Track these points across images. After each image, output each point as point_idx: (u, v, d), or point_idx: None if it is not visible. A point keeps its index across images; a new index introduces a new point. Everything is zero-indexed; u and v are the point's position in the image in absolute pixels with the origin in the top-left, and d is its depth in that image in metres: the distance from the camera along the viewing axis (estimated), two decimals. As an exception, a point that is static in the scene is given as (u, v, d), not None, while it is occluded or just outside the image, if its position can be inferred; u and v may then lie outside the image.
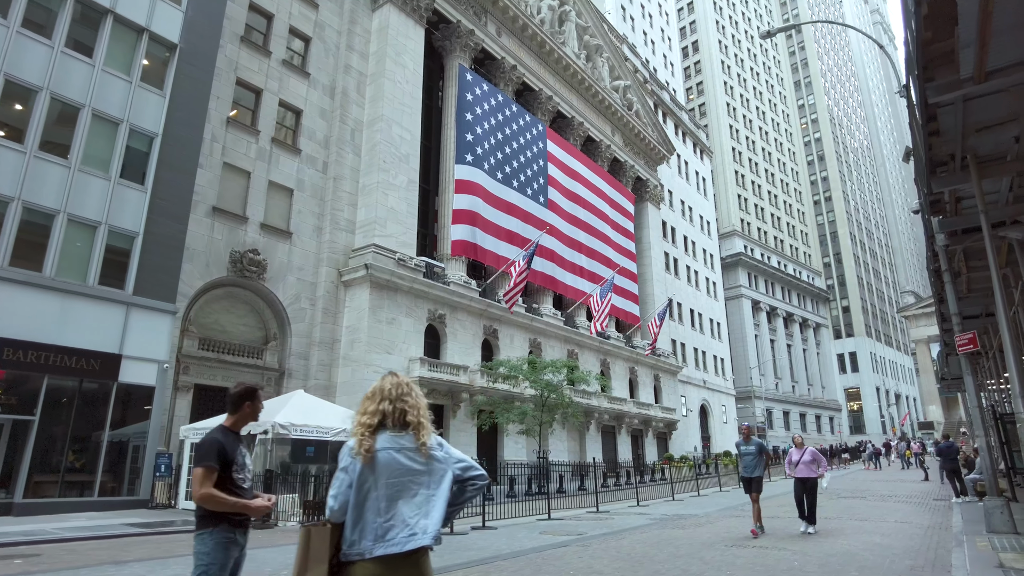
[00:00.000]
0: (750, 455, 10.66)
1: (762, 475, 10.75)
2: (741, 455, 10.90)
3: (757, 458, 10.62)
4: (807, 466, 10.45)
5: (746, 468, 10.67)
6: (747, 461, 10.63)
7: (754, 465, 10.60)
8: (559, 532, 10.55)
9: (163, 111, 19.61)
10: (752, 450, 10.76)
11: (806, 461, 10.47)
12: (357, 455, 2.66)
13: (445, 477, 2.72)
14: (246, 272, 22.53)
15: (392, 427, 2.77)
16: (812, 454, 10.50)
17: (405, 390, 2.88)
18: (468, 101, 31.63)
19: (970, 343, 9.41)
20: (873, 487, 21.86)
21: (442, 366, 26.21)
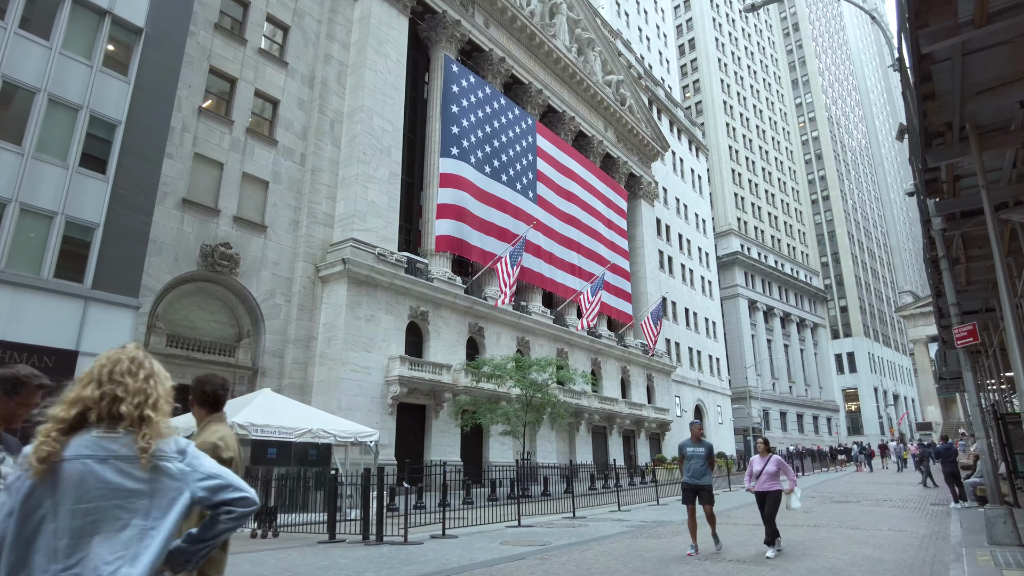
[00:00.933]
0: (698, 458, 9.01)
1: (712, 482, 9.17)
2: (688, 458, 9.12)
3: (706, 462, 9.04)
4: (770, 478, 8.79)
5: (693, 474, 8.98)
6: (695, 466, 8.98)
7: (703, 470, 9.01)
8: (521, 542, 9.71)
9: (127, 98, 18.76)
10: (702, 452, 9.06)
11: (769, 472, 8.80)
12: (28, 467, 1.77)
13: (177, 501, 1.86)
14: (217, 266, 21.69)
15: (99, 424, 1.88)
16: (777, 463, 8.84)
17: (125, 367, 2.00)
18: (454, 93, 30.80)
19: (969, 336, 8.61)
20: (868, 491, 21.04)
21: (424, 365, 25.37)
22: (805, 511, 14.41)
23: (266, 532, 11.39)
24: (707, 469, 9.04)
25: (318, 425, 15.93)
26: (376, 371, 23.82)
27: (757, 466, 9.08)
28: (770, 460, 8.88)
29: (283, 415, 15.66)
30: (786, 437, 70.85)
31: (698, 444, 9.11)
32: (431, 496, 20.52)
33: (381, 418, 23.66)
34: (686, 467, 9.12)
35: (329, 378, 22.89)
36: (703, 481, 8.98)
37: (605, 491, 24.84)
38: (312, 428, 15.66)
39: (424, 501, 19.68)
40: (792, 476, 8.88)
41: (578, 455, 34.24)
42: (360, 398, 23.02)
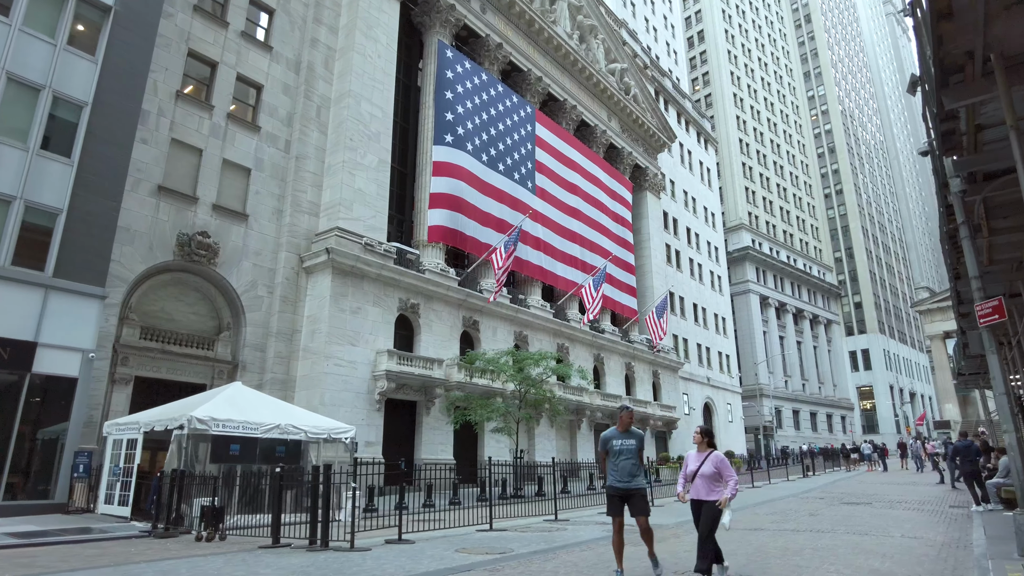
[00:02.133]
0: (628, 454, 6.89)
1: (645, 485, 7.15)
2: (615, 454, 6.96)
3: (638, 459, 6.97)
4: (707, 482, 6.60)
5: (621, 475, 6.86)
6: (623, 464, 6.87)
7: (634, 469, 6.88)
8: (480, 549, 8.64)
9: (94, 79, 17.88)
10: (632, 446, 6.94)
11: (706, 474, 6.61)
12: None
13: None
14: (195, 256, 20.80)
15: None
16: (716, 463, 6.63)
17: None
18: (448, 79, 29.76)
19: (995, 312, 7.40)
20: (882, 491, 19.72)
21: (415, 359, 24.35)
22: (810, 514, 13.20)
23: (212, 535, 10.40)
24: (639, 468, 6.99)
25: (287, 420, 14.98)
26: (362, 366, 22.84)
27: (692, 464, 6.83)
28: (708, 458, 6.68)
29: (250, 410, 14.73)
30: (799, 436, 69.17)
31: (627, 435, 7.02)
32: (414, 496, 19.55)
33: (368, 414, 22.69)
34: (611, 466, 7.01)
35: (312, 373, 21.94)
36: (634, 484, 6.90)
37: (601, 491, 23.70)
38: (280, 424, 14.71)
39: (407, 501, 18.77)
40: (732, 483, 6.59)
41: (579, 453, 33.11)
42: (345, 393, 22.05)
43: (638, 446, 7.03)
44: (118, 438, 15.45)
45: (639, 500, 6.92)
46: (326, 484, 9.07)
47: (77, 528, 12.57)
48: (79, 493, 15.60)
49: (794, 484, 24.86)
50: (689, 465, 6.88)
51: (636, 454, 6.99)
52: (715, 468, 6.64)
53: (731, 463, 32.35)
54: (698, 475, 6.69)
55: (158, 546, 9.84)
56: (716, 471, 6.63)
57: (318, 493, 9.25)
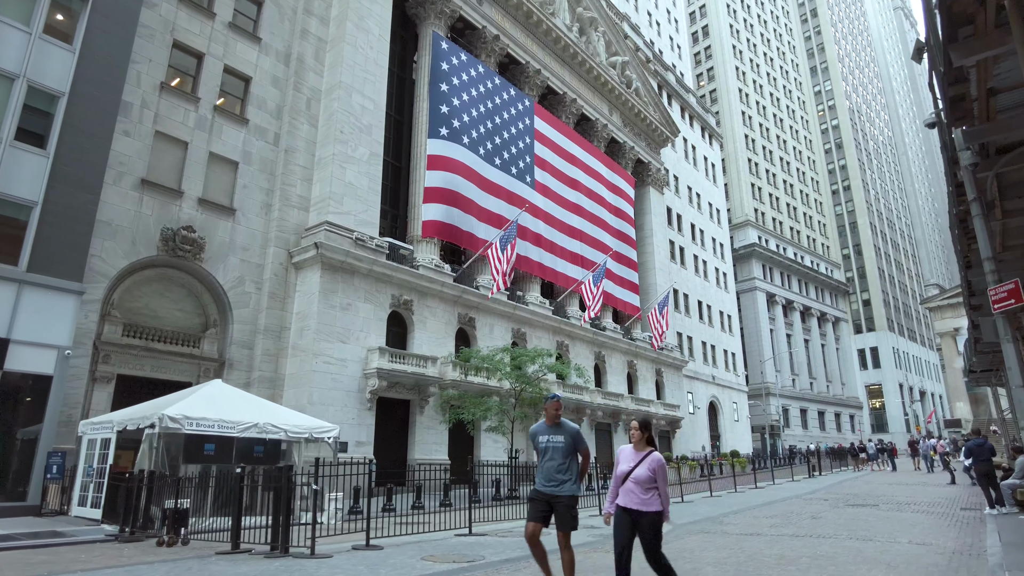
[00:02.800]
0: (556, 451, 5.79)
1: (577, 493, 5.83)
2: (541, 453, 5.91)
3: (570, 459, 5.82)
4: (640, 489, 5.32)
5: (543, 476, 5.80)
6: (547, 465, 5.81)
7: (563, 471, 5.74)
8: (449, 557, 8.00)
9: (71, 68, 17.39)
10: (560, 443, 5.78)
11: (640, 479, 5.32)
12: None
13: None
14: (179, 251, 20.26)
15: None
16: (653, 466, 5.34)
17: None
18: (443, 71, 29.14)
19: (1011, 296, 6.70)
20: (889, 492, 18.94)
21: (408, 357, 23.73)
22: (813, 517, 12.48)
23: (175, 540, 9.82)
24: (569, 471, 5.76)
25: (266, 419, 14.39)
26: (353, 363, 22.25)
27: (624, 463, 5.49)
28: (645, 460, 5.35)
29: (227, 408, 14.15)
30: (807, 435, 68.18)
31: (555, 430, 5.86)
32: (403, 497, 18.95)
33: (358, 413, 22.10)
34: (539, 467, 5.91)
35: (301, 371, 21.37)
36: (561, 490, 5.70)
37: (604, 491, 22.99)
38: (258, 422, 14.13)
39: (394, 503, 18.18)
40: (665, 495, 5.37)
41: (579, 453, 32.38)
42: (334, 392, 21.48)
43: (568, 444, 5.82)
44: (92, 438, 14.93)
45: (564, 511, 5.69)
46: (287, 486, 8.46)
47: (42, 532, 12.04)
48: (52, 495, 15.09)
49: (799, 484, 24.09)
50: (620, 464, 5.47)
51: (566, 453, 5.80)
52: (651, 472, 5.28)
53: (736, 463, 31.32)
54: (630, 478, 5.32)
55: (114, 552, 9.27)
56: (652, 475, 5.28)
57: (281, 495, 8.64)
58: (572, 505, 5.79)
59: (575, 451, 5.96)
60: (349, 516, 15.82)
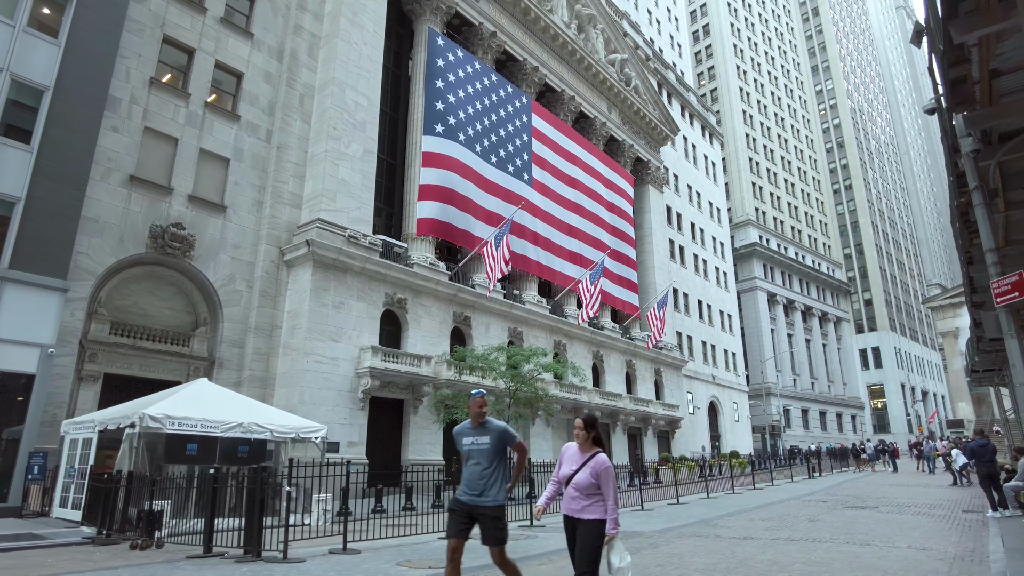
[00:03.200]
0: (481, 455, 5.12)
1: (502, 501, 5.07)
2: (465, 456, 5.24)
3: (496, 462, 5.11)
4: (581, 494, 4.71)
5: (466, 483, 5.12)
6: (471, 470, 5.13)
7: (487, 476, 5.06)
8: (425, 563, 7.67)
9: (56, 62, 17.12)
10: (486, 445, 5.08)
11: (580, 484, 4.70)
12: None
13: None
14: (168, 248, 19.96)
15: None
16: (596, 470, 4.68)
17: None
18: (439, 67, 28.82)
19: (1015, 289, 6.38)
20: (890, 493, 18.58)
21: (401, 356, 23.42)
22: (810, 520, 12.14)
23: (148, 543, 9.51)
24: (495, 477, 5.06)
25: (251, 419, 14.08)
26: (345, 363, 21.94)
27: (566, 465, 4.85)
28: (589, 463, 4.71)
29: (211, 407, 13.84)
30: (808, 435, 67.76)
31: (480, 431, 5.18)
32: (395, 499, 18.63)
33: (351, 413, 21.79)
34: (464, 471, 5.23)
35: (292, 370, 21.06)
36: (483, 499, 5.00)
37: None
38: (243, 422, 13.81)
39: (384, 504, 17.85)
40: (612, 505, 4.64)
41: (577, 454, 32.03)
42: (326, 392, 21.17)
43: (495, 444, 5.08)
44: (75, 437, 14.63)
45: (488, 523, 4.95)
46: (260, 487, 8.15)
47: (19, 535, 11.73)
48: (34, 496, 14.80)
49: (798, 486, 23.73)
50: (563, 466, 4.83)
51: (492, 456, 5.06)
52: (592, 478, 4.61)
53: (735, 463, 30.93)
54: (572, 483, 4.70)
55: (84, 555, 8.96)
56: (594, 482, 4.61)
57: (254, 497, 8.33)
58: (498, 516, 5.02)
59: (503, 452, 5.18)
60: (338, 518, 15.53)
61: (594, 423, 4.92)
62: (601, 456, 4.79)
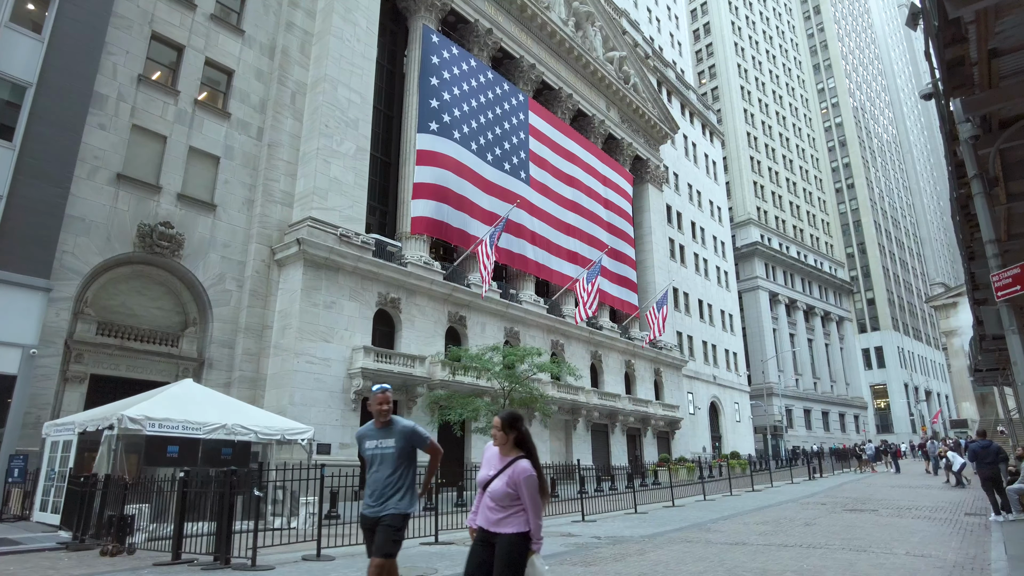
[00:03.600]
0: (386, 461, 4.63)
1: (406, 510, 4.61)
2: (368, 461, 4.74)
3: (403, 467, 4.65)
4: (497, 504, 3.99)
5: (370, 492, 4.65)
6: (375, 477, 4.65)
7: (392, 484, 4.59)
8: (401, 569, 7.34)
9: (39, 58, 16.85)
10: (391, 449, 4.62)
11: (496, 493, 4.00)
12: None
13: None
14: (156, 248, 19.67)
15: None
16: (515, 478, 3.95)
17: None
18: (433, 64, 28.52)
19: (1016, 283, 6.03)
20: (890, 495, 18.20)
21: (394, 356, 23.10)
22: (806, 523, 11.77)
23: (118, 549, 9.20)
24: (404, 483, 4.60)
25: (235, 420, 13.78)
26: (337, 363, 21.64)
27: (485, 468, 4.17)
28: (508, 469, 4.00)
29: (194, 408, 13.54)
30: (811, 436, 67.26)
31: (384, 433, 4.70)
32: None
33: (342, 415, 21.49)
34: (367, 479, 4.73)
35: (283, 370, 20.76)
36: (386, 508, 4.53)
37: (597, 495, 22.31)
38: (227, 424, 13.52)
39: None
40: (533, 517, 3.94)
41: (575, 455, 31.69)
42: (317, 392, 20.86)
43: (402, 447, 4.60)
44: (56, 440, 14.33)
45: (384, 530, 4.45)
46: (229, 491, 7.82)
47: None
48: (14, 499, 14.52)
49: (798, 487, 23.35)
50: (481, 470, 4.18)
51: (398, 460, 4.58)
52: (509, 487, 3.91)
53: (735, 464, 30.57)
54: (487, 492, 4.02)
55: (49, 563, 8.65)
56: (511, 492, 3.91)
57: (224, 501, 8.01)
58: (397, 525, 4.50)
59: (412, 456, 4.70)
60: (326, 521, 15.22)
61: (515, 422, 4.13)
62: (522, 463, 3.99)
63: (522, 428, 4.14)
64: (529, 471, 3.93)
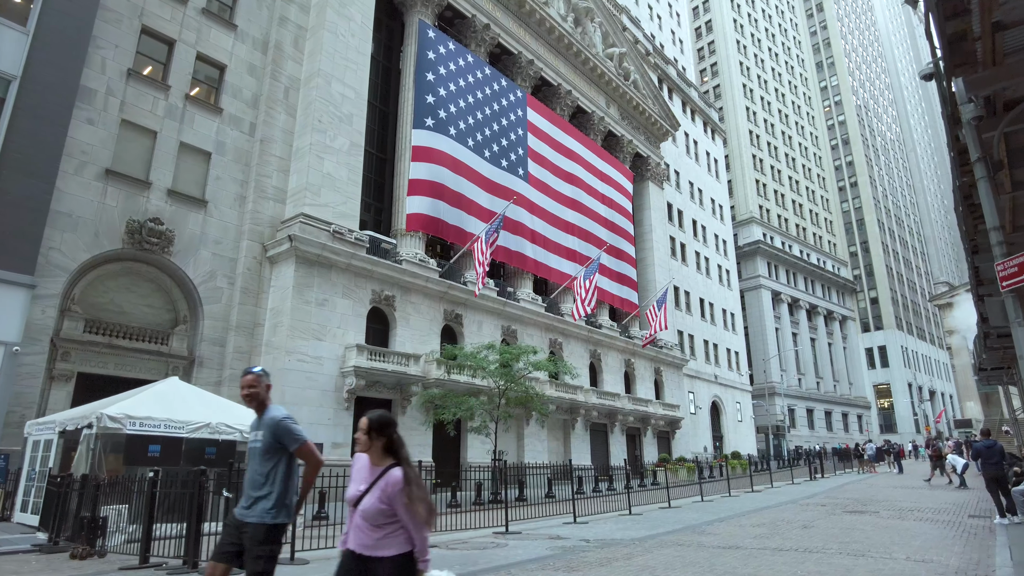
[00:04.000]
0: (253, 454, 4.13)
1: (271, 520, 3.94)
2: (248, 454, 4.23)
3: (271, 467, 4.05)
4: (366, 524, 3.32)
5: (245, 491, 4.10)
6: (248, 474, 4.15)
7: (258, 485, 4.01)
8: None
9: (24, 51, 16.57)
10: (258, 443, 4.08)
11: (367, 511, 3.31)
12: None
13: None
14: (146, 244, 19.38)
15: None
16: (387, 490, 3.31)
17: None
18: (430, 60, 28.19)
19: (1021, 272, 5.68)
20: (893, 497, 17.80)
21: (389, 355, 22.78)
22: (804, 526, 11.41)
23: (88, 552, 8.89)
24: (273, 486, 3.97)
25: (220, 419, 13.46)
26: (330, 361, 21.32)
27: (355, 483, 3.50)
28: (378, 482, 3.38)
29: (178, 407, 13.23)
30: (814, 435, 66.77)
31: (257, 423, 4.25)
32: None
33: (335, 414, 21.17)
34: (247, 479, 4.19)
35: (274, 369, 20.38)
36: (251, 513, 3.94)
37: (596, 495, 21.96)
38: (211, 422, 13.21)
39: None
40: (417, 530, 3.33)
41: (574, 455, 31.33)
42: (309, 391, 20.55)
43: (267, 444, 4.01)
44: (37, 439, 14.06)
45: (249, 545, 3.82)
46: (198, 492, 7.51)
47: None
48: (-5, 500, 14.23)
49: (798, 488, 22.96)
50: (351, 484, 3.52)
51: (263, 459, 3.99)
52: (383, 503, 3.29)
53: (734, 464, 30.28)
54: (359, 509, 3.37)
55: (15, 566, 8.34)
56: (385, 508, 3.29)
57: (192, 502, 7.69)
58: (260, 539, 3.82)
59: (280, 453, 4.03)
60: (313, 522, 14.92)
61: (384, 426, 3.50)
62: (395, 472, 3.36)
63: (393, 433, 3.52)
64: (399, 478, 3.34)
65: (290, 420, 4.18)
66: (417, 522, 3.32)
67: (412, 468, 3.45)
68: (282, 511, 3.97)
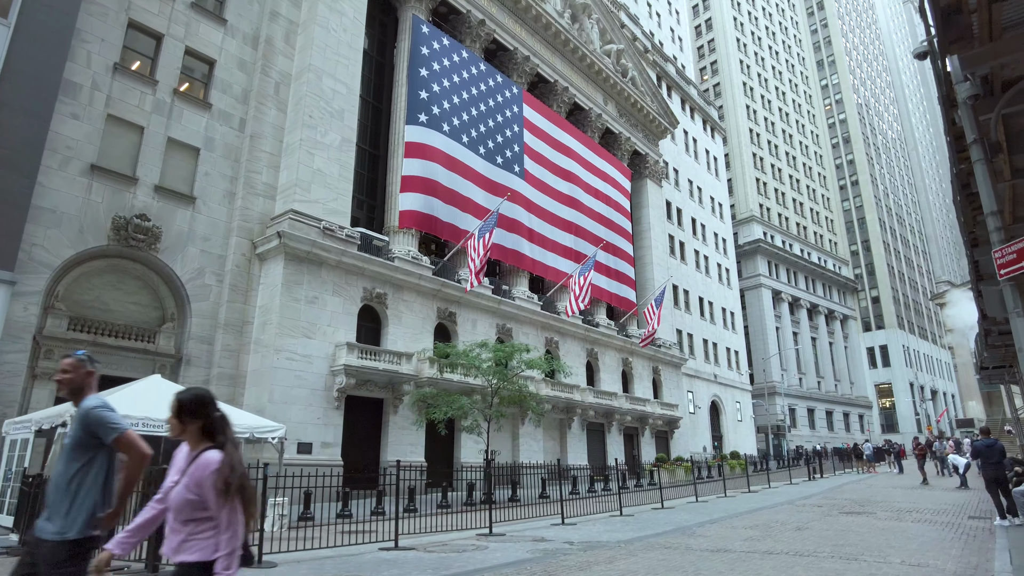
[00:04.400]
0: (62, 452, 3.41)
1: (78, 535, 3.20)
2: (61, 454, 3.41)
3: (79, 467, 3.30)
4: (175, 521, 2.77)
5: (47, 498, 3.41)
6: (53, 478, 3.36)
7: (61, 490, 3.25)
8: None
9: (5, 44, 16.27)
10: (68, 439, 3.41)
11: (176, 503, 2.76)
12: None
13: None
14: (132, 241, 19.08)
15: None
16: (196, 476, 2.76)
17: None
18: (423, 55, 27.87)
19: (1020, 259, 5.34)
20: (891, 497, 17.45)
21: (380, 353, 22.47)
22: (798, 528, 11.06)
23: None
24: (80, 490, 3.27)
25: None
26: (319, 360, 21.01)
27: (172, 474, 2.92)
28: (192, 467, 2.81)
29: (157, 405, 12.88)
30: (814, 435, 66.37)
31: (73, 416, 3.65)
32: (364, 503, 17.70)
33: (324, 413, 20.85)
34: None
35: (263, 367, 20.14)
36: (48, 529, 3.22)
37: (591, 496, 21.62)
38: (191, 422, 12.88)
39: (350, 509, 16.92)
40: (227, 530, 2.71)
41: (570, 455, 31.02)
42: (298, 390, 20.23)
43: (77, 439, 3.38)
44: (15, 438, 13.75)
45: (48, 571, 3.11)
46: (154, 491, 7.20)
47: None
48: (-28, 501, 13.89)
49: (796, 488, 22.61)
50: (170, 474, 2.96)
51: (71, 456, 3.34)
52: (192, 492, 2.75)
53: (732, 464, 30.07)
54: (173, 507, 2.81)
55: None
56: (195, 499, 2.74)
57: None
58: (65, 558, 3.11)
59: (95, 450, 3.36)
60: (298, 523, 14.62)
61: (200, 405, 2.94)
62: (207, 455, 2.80)
63: (211, 412, 2.94)
64: (213, 462, 2.72)
65: (105, 408, 3.46)
66: (231, 516, 2.70)
67: (235, 451, 2.87)
68: (80, 522, 3.19)
